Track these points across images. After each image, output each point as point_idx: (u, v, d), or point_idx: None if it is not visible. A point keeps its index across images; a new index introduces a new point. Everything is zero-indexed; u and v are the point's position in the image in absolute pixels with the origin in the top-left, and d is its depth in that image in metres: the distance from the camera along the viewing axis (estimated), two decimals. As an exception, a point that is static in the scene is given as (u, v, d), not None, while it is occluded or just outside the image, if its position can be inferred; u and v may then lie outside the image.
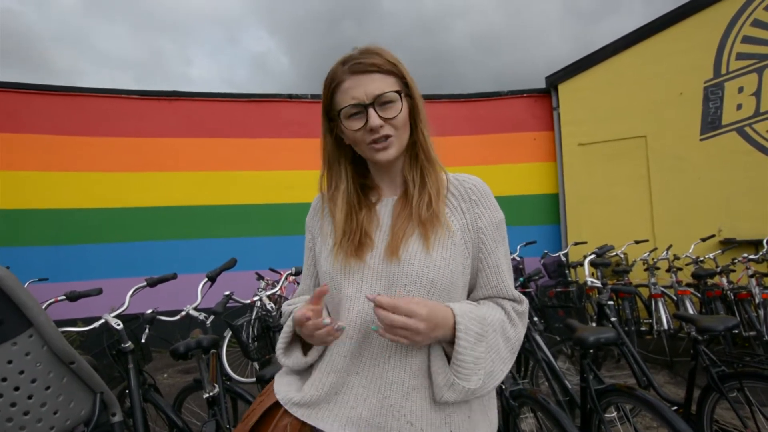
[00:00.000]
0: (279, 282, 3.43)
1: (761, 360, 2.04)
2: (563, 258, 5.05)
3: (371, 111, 0.84)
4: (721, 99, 5.43)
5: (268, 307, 3.02)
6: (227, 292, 2.56)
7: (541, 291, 4.01)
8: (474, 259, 0.90)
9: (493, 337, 0.84)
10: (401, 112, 0.87)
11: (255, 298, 3.01)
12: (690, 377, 2.12)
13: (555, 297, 4.19)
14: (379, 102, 0.85)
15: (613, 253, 4.88)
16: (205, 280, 2.43)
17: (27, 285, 4.19)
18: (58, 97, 5.71)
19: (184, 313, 2.32)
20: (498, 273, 0.91)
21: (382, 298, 0.74)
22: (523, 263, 4.81)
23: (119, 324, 1.96)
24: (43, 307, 1.31)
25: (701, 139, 5.50)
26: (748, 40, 5.33)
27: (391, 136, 0.87)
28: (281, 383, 0.92)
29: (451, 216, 0.90)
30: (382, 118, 0.85)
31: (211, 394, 2.00)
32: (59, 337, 0.90)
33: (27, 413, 0.87)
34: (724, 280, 4.01)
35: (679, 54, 5.60)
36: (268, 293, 3.06)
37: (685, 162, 5.55)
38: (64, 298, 2.15)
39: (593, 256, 3.19)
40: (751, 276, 3.96)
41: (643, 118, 5.77)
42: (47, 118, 5.63)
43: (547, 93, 6.50)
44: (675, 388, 3.47)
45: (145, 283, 2.22)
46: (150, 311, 2.27)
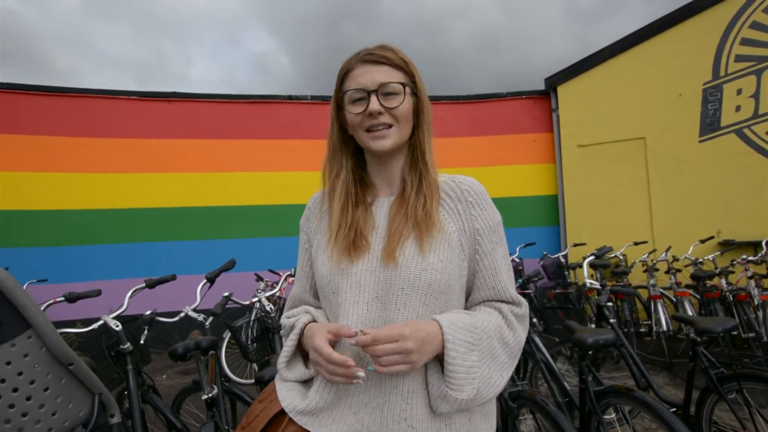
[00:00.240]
0: (278, 283, 3.44)
1: (760, 361, 2.04)
2: (562, 259, 5.06)
3: (373, 97, 0.86)
4: (720, 101, 5.44)
5: (267, 309, 3.01)
6: (226, 293, 2.56)
7: (540, 292, 4.01)
8: (471, 261, 0.90)
9: (488, 344, 0.83)
10: (403, 104, 0.88)
11: (254, 299, 3.00)
12: (689, 379, 2.12)
13: (554, 298, 4.19)
14: (383, 91, 0.87)
15: (613, 255, 4.89)
16: (204, 281, 2.43)
17: (26, 286, 4.20)
18: (57, 98, 5.70)
19: (183, 315, 2.32)
20: (495, 274, 0.90)
21: (361, 338, 0.75)
22: (523, 264, 4.82)
23: (118, 325, 1.96)
24: (42, 309, 1.31)
25: (700, 141, 5.51)
26: (746, 42, 5.35)
27: (391, 126, 0.88)
28: (283, 389, 0.91)
29: (447, 218, 0.90)
30: (383, 106, 0.86)
31: (210, 395, 2.00)
32: (58, 339, 0.89)
33: (25, 415, 0.87)
34: (723, 281, 4.02)
35: (678, 56, 5.61)
36: (267, 294, 3.05)
37: (684, 164, 5.55)
38: (62, 299, 2.15)
39: (592, 257, 3.20)
40: (750, 277, 3.96)
41: (642, 119, 5.78)
42: (46, 118, 5.63)
43: (547, 95, 6.51)
44: (674, 389, 3.48)
45: (144, 285, 2.22)
46: (149, 312, 2.26)
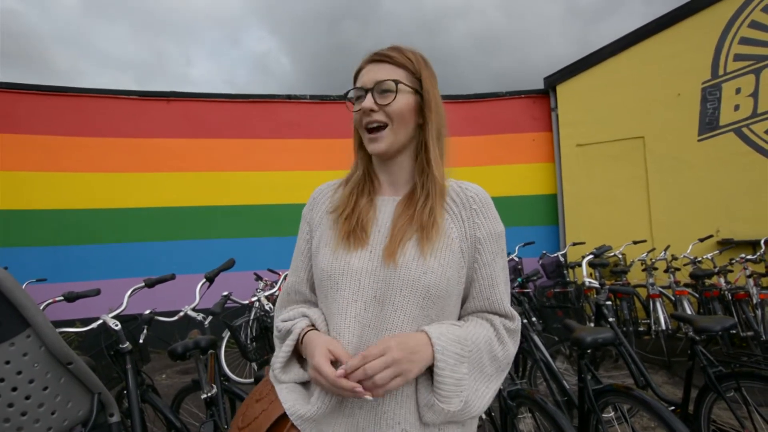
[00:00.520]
0: (277, 282, 3.44)
1: (758, 360, 2.05)
2: (561, 258, 5.06)
3: (368, 95, 0.88)
4: (719, 100, 5.44)
5: (266, 308, 3.01)
6: (225, 292, 2.56)
7: (540, 291, 4.02)
8: (469, 269, 0.89)
9: (478, 357, 0.83)
10: (395, 101, 0.87)
11: (253, 298, 3.00)
12: (687, 377, 2.12)
13: (553, 297, 4.20)
14: (379, 89, 0.88)
15: (612, 254, 4.90)
16: (204, 280, 2.43)
17: (25, 286, 4.19)
18: (56, 98, 5.69)
19: (182, 314, 2.32)
20: (492, 285, 0.89)
21: (350, 362, 0.75)
22: (522, 264, 4.83)
23: (117, 324, 1.96)
24: (41, 308, 1.31)
25: (699, 140, 5.52)
26: (745, 41, 5.35)
27: (386, 126, 0.88)
28: (283, 390, 0.89)
29: (451, 223, 0.89)
30: (376, 103, 0.87)
31: (209, 394, 2.01)
32: (57, 338, 0.89)
33: (24, 414, 0.87)
34: (721, 280, 4.03)
35: (677, 55, 5.62)
36: (266, 294, 3.05)
37: (683, 163, 5.56)
38: (62, 298, 2.15)
39: (591, 256, 3.20)
40: (749, 276, 3.97)
41: (641, 119, 5.79)
42: (45, 118, 5.62)
43: (546, 94, 6.51)
44: (673, 388, 3.48)
45: (144, 284, 2.22)
46: (148, 312, 2.27)
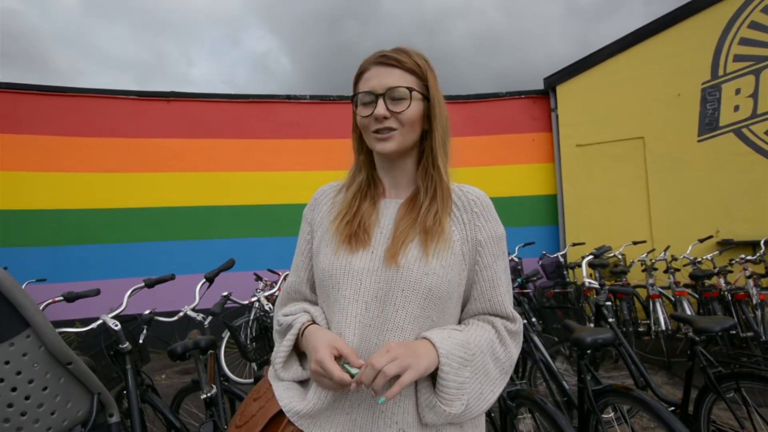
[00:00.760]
0: (277, 283, 3.44)
1: (758, 361, 2.04)
2: (561, 259, 5.07)
3: (380, 101, 0.87)
4: (719, 100, 5.44)
5: (266, 308, 3.01)
6: (225, 292, 2.56)
7: (539, 292, 4.02)
8: (470, 272, 0.90)
9: (481, 360, 0.84)
10: (409, 108, 0.88)
11: (253, 298, 3.01)
12: (687, 378, 2.12)
13: (553, 297, 4.20)
14: (391, 95, 0.87)
15: (611, 254, 4.90)
16: (203, 280, 2.43)
17: (25, 286, 4.19)
18: (56, 98, 5.69)
19: (182, 314, 2.32)
20: (494, 287, 0.90)
21: (359, 378, 0.74)
22: (522, 264, 4.83)
23: (117, 325, 1.96)
24: (41, 308, 1.31)
25: (699, 141, 5.52)
26: (745, 42, 5.35)
27: (395, 129, 0.88)
28: (280, 387, 0.90)
29: (452, 226, 0.90)
30: (389, 110, 0.87)
31: (209, 394, 2.01)
32: (57, 338, 0.89)
33: (24, 414, 0.87)
34: (721, 280, 4.03)
35: (677, 56, 5.62)
36: (266, 294, 3.05)
37: (683, 163, 5.56)
38: (61, 298, 2.15)
39: (591, 257, 3.21)
40: (749, 277, 3.98)
41: (641, 119, 5.79)
42: (45, 118, 5.62)
43: (546, 94, 6.52)
44: (672, 388, 3.48)
45: (143, 284, 2.22)
46: (148, 312, 2.26)
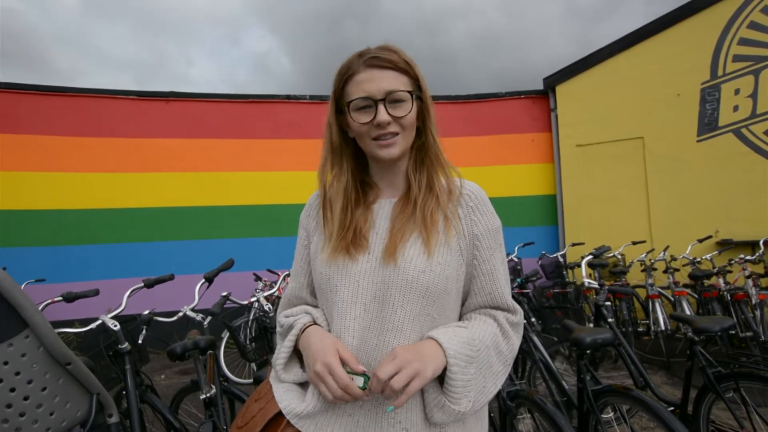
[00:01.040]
0: (277, 283, 3.43)
1: (757, 360, 2.04)
2: (561, 259, 5.07)
3: (381, 107, 0.84)
4: (718, 101, 5.45)
5: (265, 308, 3.01)
6: (224, 292, 2.55)
7: (539, 292, 4.02)
8: (468, 266, 0.89)
9: (485, 355, 0.84)
10: (410, 112, 0.86)
11: (252, 299, 3.00)
12: (686, 378, 2.12)
13: (552, 298, 4.20)
14: (390, 99, 0.85)
15: (611, 254, 4.90)
16: (203, 280, 2.43)
17: (24, 286, 4.18)
18: (55, 98, 5.69)
19: (181, 314, 2.32)
20: (493, 280, 0.89)
21: (372, 387, 0.74)
22: (521, 264, 4.83)
23: (116, 325, 1.96)
24: (40, 308, 1.31)
25: (698, 141, 5.52)
26: (744, 42, 5.36)
27: (398, 134, 0.87)
28: (280, 389, 0.90)
29: (448, 221, 0.89)
30: (390, 115, 0.85)
31: (208, 395, 2.00)
32: (56, 339, 0.89)
33: (23, 414, 0.86)
34: (720, 281, 4.03)
35: (676, 56, 5.62)
36: (265, 294, 3.05)
37: (682, 163, 5.57)
38: (60, 299, 2.15)
39: (591, 257, 3.20)
40: (748, 277, 3.97)
41: (641, 119, 5.79)
42: (45, 118, 5.61)
43: (545, 94, 6.52)
44: (672, 388, 3.48)
45: (143, 284, 2.22)
46: (147, 312, 2.26)
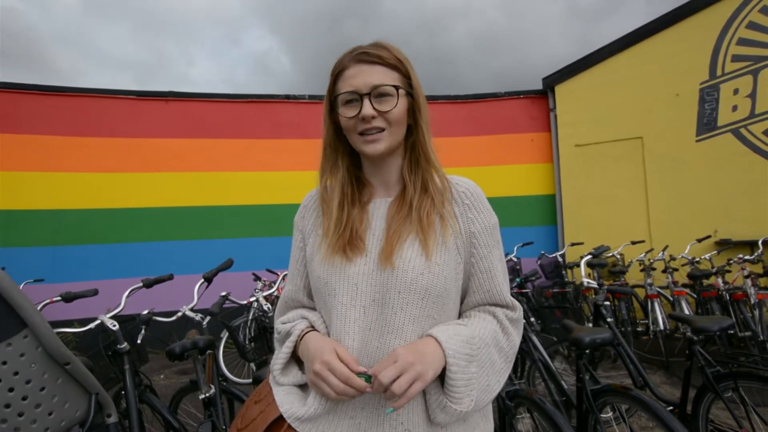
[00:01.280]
0: (276, 283, 3.43)
1: (756, 360, 2.05)
2: (560, 259, 5.07)
3: (366, 101, 0.84)
4: (717, 100, 5.45)
5: (264, 308, 3.01)
6: (224, 292, 2.55)
7: (538, 291, 4.03)
8: (466, 264, 0.89)
9: (486, 352, 0.83)
10: (396, 107, 0.86)
11: (252, 299, 3.00)
12: (685, 377, 2.12)
13: (552, 297, 4.21)
14: (376, 93, 0.85)
15: (610, 254, 4.90)
16: (202, 280, 2.42)
17: (23, 286, 4.18)
18: (55, 98, 5.68)
19: (180, 314, 2.31)
20: (491, 277, 0.89)
21: (374, 389, 0.74)
22: (520, 264, 4.83)
23: (115, 325, 1.96)
24: (39, 308, 1.31)
25: (697, 141, 5.53)
26: (743, 42, 5.37)
27: (384, 130, 0.86)
28: (280, 392, 0.89)
29: (445, 220, 0.88)
30: (376, 109, 0.84)
31: (208, 395, 2.00)
32: (54, 338, 0.89)
33: (21, 414, 0.86)
34: (719, 280, 4.04)
35: (675, 56, 5.63)
36: (264, 294, 3.05)
37: (681, 163, 5.57)
38: (59, 298, 2.14)
39: (590, 256, 3.21)
40: (747, 277, 3.98)
41: (640, 119, 5.80)
42: (45, 118, 5.61)
43: (544, 94, 6.52)
44: (671, 388, 3.49)
45: (141, 284, 2.22)
46: (146, 312, 2.26)
